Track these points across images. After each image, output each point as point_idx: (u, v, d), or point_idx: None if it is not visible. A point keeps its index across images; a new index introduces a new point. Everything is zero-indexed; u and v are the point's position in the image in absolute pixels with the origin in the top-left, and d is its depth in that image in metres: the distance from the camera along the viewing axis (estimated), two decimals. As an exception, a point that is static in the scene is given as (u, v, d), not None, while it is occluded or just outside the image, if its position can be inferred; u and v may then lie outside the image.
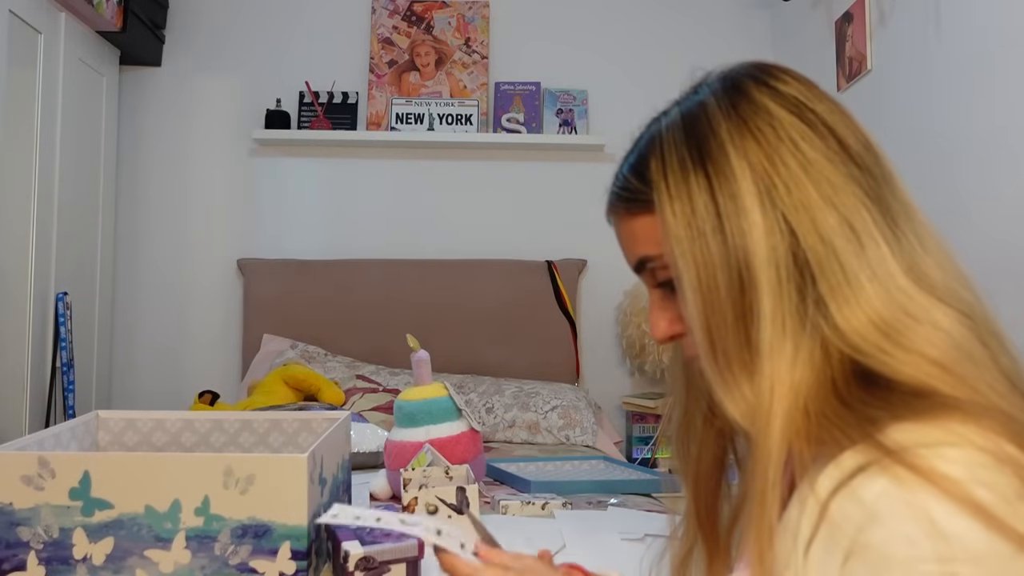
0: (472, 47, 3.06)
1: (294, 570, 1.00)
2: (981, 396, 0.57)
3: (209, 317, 3.00)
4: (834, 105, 0.70)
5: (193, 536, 1.00)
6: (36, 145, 2.35)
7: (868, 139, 0.69)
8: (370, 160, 3.05)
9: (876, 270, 0.61)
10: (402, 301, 2.89)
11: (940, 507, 0.52)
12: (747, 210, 0.63)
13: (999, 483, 0.53)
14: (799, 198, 0.63)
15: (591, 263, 3.03)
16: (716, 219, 0.64)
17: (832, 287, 0.61)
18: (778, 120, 0.66)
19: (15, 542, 1.00)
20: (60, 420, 2.43)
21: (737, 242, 0.63)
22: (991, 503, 0.52)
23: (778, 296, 0.62)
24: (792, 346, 0.61)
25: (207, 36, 3.04)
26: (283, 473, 1.00)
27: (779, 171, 0.63)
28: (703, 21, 3.10)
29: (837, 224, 0.62)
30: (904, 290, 0.61)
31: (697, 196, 0.65)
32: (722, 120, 0.67)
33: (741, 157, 0.64)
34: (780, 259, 0.62)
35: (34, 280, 2.35)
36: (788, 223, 0.62)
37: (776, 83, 0.69)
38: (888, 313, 0.60)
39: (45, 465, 1.00)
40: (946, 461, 0.53)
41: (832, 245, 0.62)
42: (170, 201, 3.02)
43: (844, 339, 0.60)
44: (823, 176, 0.64)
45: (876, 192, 0.65)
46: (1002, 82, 1.75)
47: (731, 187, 0.64)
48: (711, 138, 0.66)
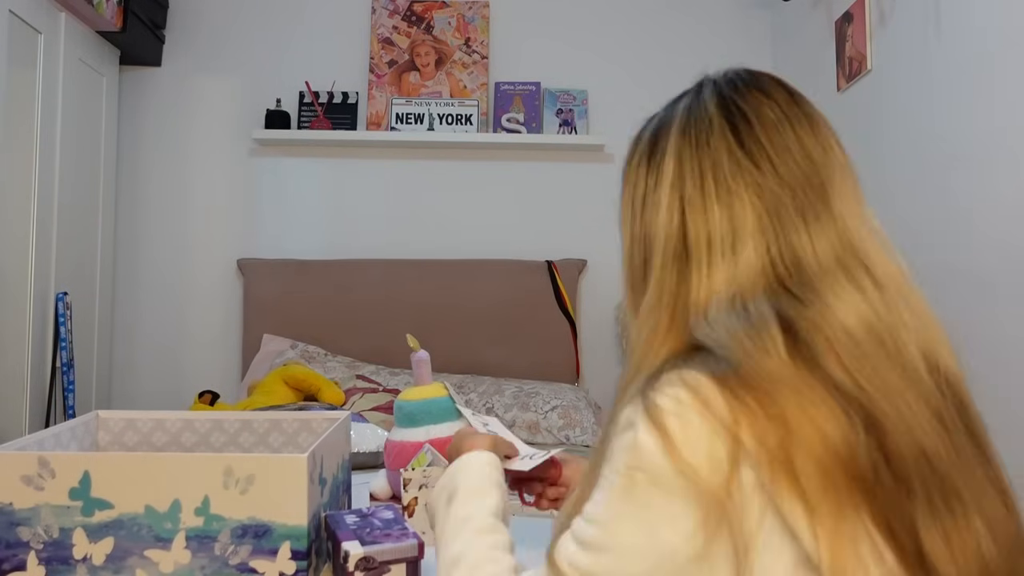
0: (472, 47, 3.06)
1: (294, 570, 1.00)
2: (735, 352, 0.69)
3: (209, 317, 3.00)
4: (781, 115, 0.80)
5: (193, 536, 1.00)
6: (36, 145, 2.35)
7: (804, 148, 0.79)
8: (370, 160, 3.05)
9: (738, 262, 0.75)
10: (402, 301, 2.89)
11: (641, 424, 0.69)
12: (659, 198, 0.80)
13: (690, 418, 0.67)
14: (698, 191, 0.78)
15: (591, 263, 3.03)
16: (642, 202, 0.82)
17: (698, 267, 0.77)
18: (710, 124, 0.80)
19: (15, 542, 1.00)
20: (60, 420, 2.43)
21: (648, 222, 0.81)
22: (674, 431, 0.67)
23: (663, 270, 0.79)
24: (665, 316, 0.77)
25: (207, 36, 3.04)
26: (283, 473, 1.00)
27: (693, 167, 0.79)
28: (703, 21, 3.10)
29: (720, 219, 0.77)
30: (752, 283, 0.74)
31: (639, 182, 0.83)
32: (678, 120, 0.83)
33: (673, 151, 0.81)
34: (670, 237, 0.78)
35: (34, 280, 2.35)
36: (683, 209, 0.78)
37: (729, 90, 0.82)
38: (726, 297, 0.75)
39: (45, 465, 1.00)
40: (663, 395, 0.69)
41: (708, 234, 0.77)
42: (170, 201, 3.02)
43: (689, 309, 0.76)
44: (725, 180, 0.77)
45: (776, 197, 0.77)
46: (1002, 82, 1.75)
47: (659, 175, 0.81)
48: (664, 136, 0.83)
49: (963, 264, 1.87)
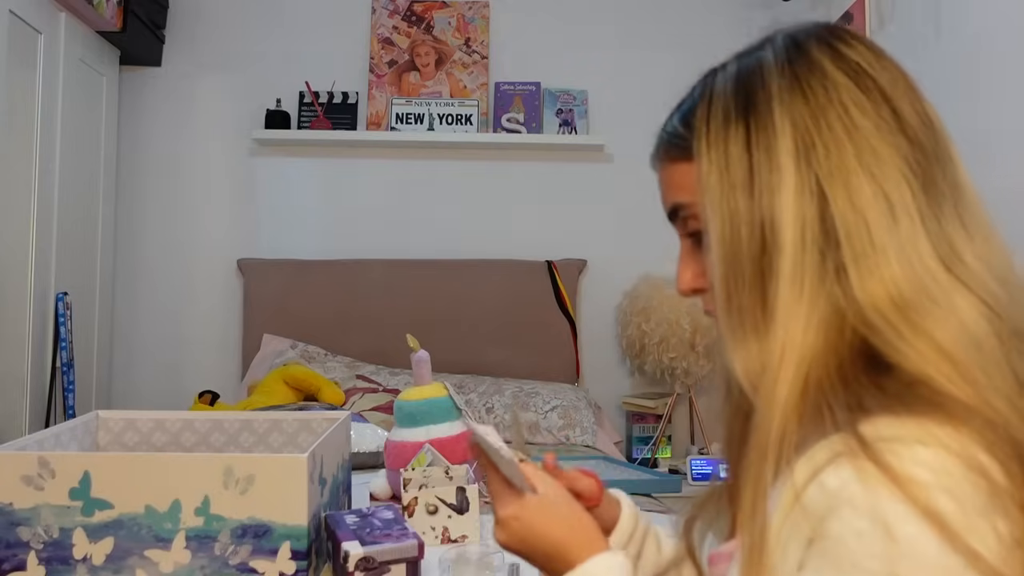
0: (472, 47, 3.06)
1: (294, 570, 1.00)
2: (977, 394, 0.55)
3: (209, 317, 3.00)
4: (899, 76, 0.67)
5: (193, 536, 1.00)
6: (36, 145, 2.35)
7: (930, 116, 0.66)
8: (370, 160, 3.05)
9: (905, 246, 0.60)
10: (402, 301, 2.89)
11: (896, 508, 0.52)
12: (781, 167, 0.62)
13: (963, 493, 0.52)
14: (837, 163, 0.61)
15: (591, 263, 3.03)
16: (748, 173, 0.63)
17: (856, 256, 0.60)
18: (832, 81, 0.64)
19: (15, 542, 1.00)
20: (60, 420, 2.43)
21: (765, 198, 0.62)
22: (949, 513, 0.51)
23: (800, 258, 0.61)
24: (807, 311, 0.60)
25: (207, 36, 3.04)
26: (283, 473, 1.01)
27: (822, 133, 0.62)
28: (703, 21, 3.10)
29: (872, 194, 0.61)
30: (930, 271, 0.59)
31: (733, 147, 0.64)
32: (775, 75, 0.66)
33: (785, 113, 0.64)
34: (807, 221, 0.61)
35: (34, 280, 2.35)
36: (821, 186, 0.61)
37: (840, 45, 0.67)
38: (908, 290, 0.58)
39: (45, 465, 1.00)
40: (914, 462, 0.52)
41: (863, 214, 0.60)
42: (170, 201, 3.02)
43: (859, 311, 0.59)
44: (868, 144, 0.62)
45: (924, 169, 0.62)
46: (1002, 82, 1.75)
47: (769, 142, 0.63)
48: (760, 91, 0.66)
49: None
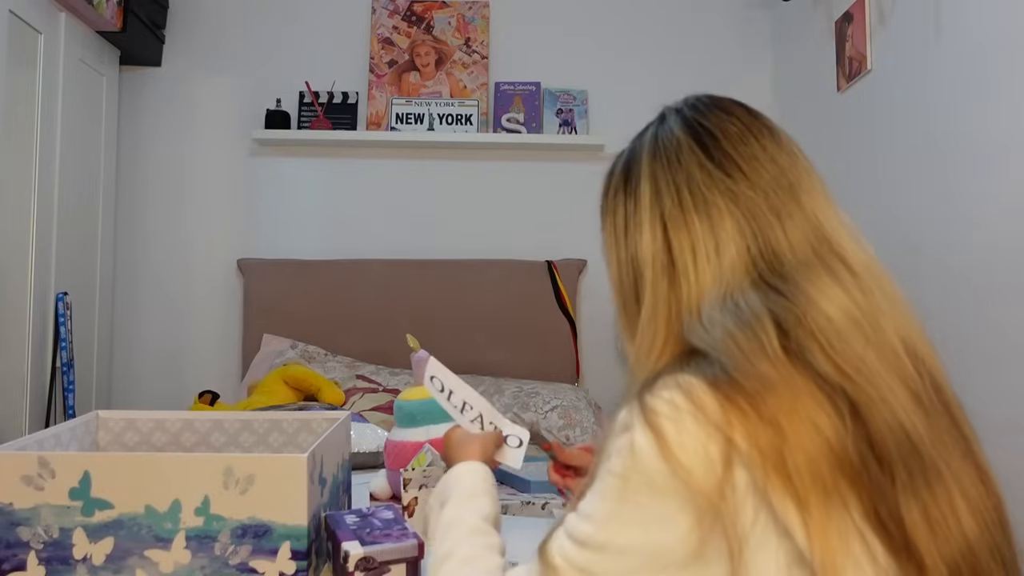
0: (472, 47, 3.06)
1: (294, 570, 1.00)
2: (728, 356, 0.71)
3: (209, 317, 3.00)
4: (744, 128, 0.85)
5: (193, 536, 1.00)
6: (36, 145, 2.35)
7: (769, 155, 0.83)
8: (370, 160, 3.05)
9: (723, 263, 0.79)
10: (402, 301, 2.89)
11: (637, 427, 0.71)
12: (641, 219, 0.84)
13: (684, 421, 0.69)
14: (677, 207, 0.82)
15: (591, 263, 3.03)
16: (624, 227, 0.86)
17: (686, 275, 0.80)
18: (678, 144, 0.85)
19: (15, 542, 1.00)
20: (60, 420, 2.43)
21: (632, 244, 0.85)
22: (669, 433, 0.69)
23: (655, 283, 0.82)
24: (662, 326, 0.81)
25: (207, 36, 3.04)
26: (283, 473, 1.01)
27: (668, 186, 0.83)
28: (703, 21, 3.10)
29: (700, 228, 0.81)
30: (739, 285, 0.78)
31: (619, 209, 0.88)
32: (647, 148, 0.87)
33: (647, 176, 0.85)
34: (658, 255, 0.82)
35: (34, 280, 2.35)
36: (664, 226, 0.82)
37: (691, 113, 0.87)
38: (717, 298, 0.77)
39: (45, 465, 1.00)
40: (659, 398, 0.71)
41: (691, 243, 0.81)
42: (170, 201, 3.02)
43: (682, 314, 0.79)
44: (700, 191, 0.82)
45: (751, 201, 0.81)
46: (1002, 82, 1.75)
47: (636, 201, 0.85)
48: (636, 164, 0.87)
49: (963, 263, 1.87)
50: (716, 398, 0.69)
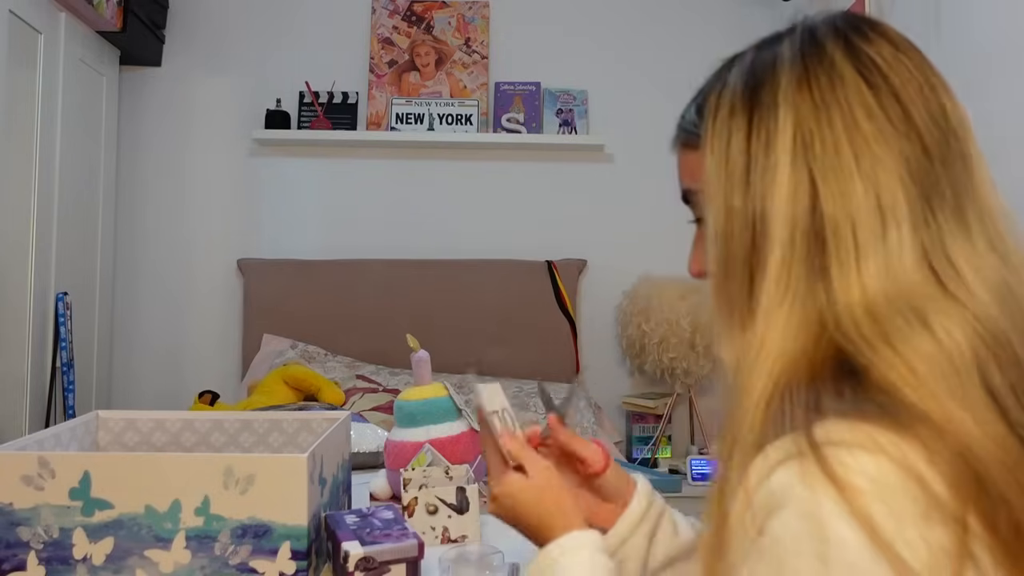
0: (472, 47, 3.06)
1: (294, 570, 1.00)
2: (935, 405, 0.54)
3: (209, 317, 3.00)
4: (916, 73, 0.65)
5: (193, 536, 1.00)
6: (36, 145, 2.35)
7: (948, 115, 0.64)
8: (370, 160, 3.05)
9: (891, 255, 0.58)
10: (402, 301, 2.89)
11: (832, 511, 0.52)
12: (777, 164, 0.62)
13: (897, 502, 0.52)
14: (833, 163, 0.60)
15: (591, 263, 3.03)
16: (745, 167, 0.63)
17: (840, 260, 0.59)
18: (841, 77, 0.63)
19: (15, 542, 1.00)
20: (60, 420, 2.43)
21: (759, 194, 0.62)
22: (882, 520, 0.51)
23: (788, 258, 0.60)
24: (787, 311, 0.60)
25: (207, 36, 3.04)
26: (283, 473, 1.01)
27: (822, 131, 0.61)
28: (703, 21, 3.10)
29: (864, 198, 0.59)
30: (914, 283, 0.58)
31: (735, 141, 0.64)
32: (787, 68, 0.65)
33: (789, 108, 0.63)
34: (797, 221, 0.60)
35: (34, 280, 2.35)
36: (815, 185, 0.60)
37: (857, 38, 0.66)
38: (885, 302, 0.58)
39: (45, 465, 1.00)
40: (856, 468, 0.52)
41: (852, 219, 0.59)
42: (170, 201, 3.02)
43: (835, 316, 0.58)
44: (867, 145, 0.61)
45: (926, 174, 0.61)
46: (1001, 82, 1.75)
47: (769, 137, 0.63)
48: (767, 85, 0.65)
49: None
50: (935, 465, 0.52)
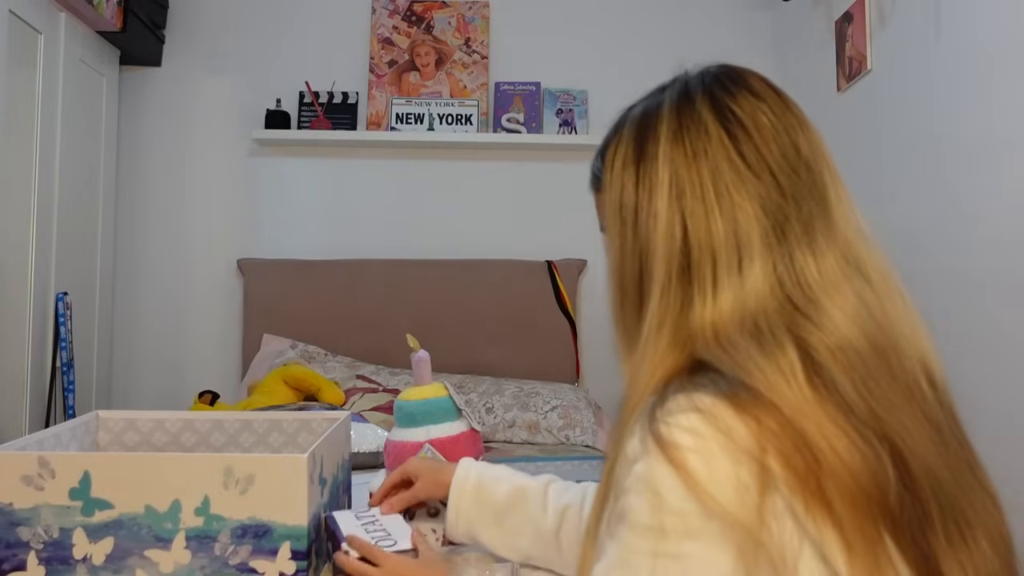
0: (472, 47, 3.06)
1: (294, 570, 1.00)
2: (752, 375, 0.65)
3: (209, 317, 3.00)
4: (774, 118, 0.76)
5: (193, 536, 1.00)
6: (36, 145, 2.35)
7: (800, 153, 0.75)
8: (370, 160, 3.05)
9: (744, 284, 0.70)
10: (402, 301, 2.89)
11: (658, 467, 0.64)
12: (657, 210, 0.73)
13: (710, 449, 0.63)
14: (699, 206, 0.71)
15: (591, 263, 3.03)
16: (634, 213, 0.74)
17: (702, 291, 0.71)
18: (707, 131, 0.74)
19: (15, 542, 1.00)
20: (60, 420, 2.43)
21: (644, 234, 0.73)
22: (697, 468, 0.62)
23: (665, 290, 0.72)
24: (666, 336, 0.71)
25: (207, 36, 3.04)
26: (283, 473, 1.00)
27: (692, 177, 0.72)
28: (703, 21, 3.10)
29: (724, 235, 0.70)
30: (768, 308, 0.69)
31: (627, 190, 0.75)
32: (665, 124, 0.76)
33: (667, 160, 0.74)
34: (672, 257, 0.72)
35: (34, 280, 2.35)
36: (685, 226, 0.72)
37: (721, 93, 0.76)
38: (737, 324, 0.69)
39: (45, 465, 1.00)
40: (678, 428, 0.64)
41: (713, 253, 0.71)
42: (170, 201, 3.02)
43: (694, 338, 0.70)
44: (727, 189, 0.71)
45: (779, 209, 0.72)
46: (1002, 82, 1.75)
47: (651, 185, 0.74)
48: (651, 139, 0.76)
49: (964, 264, 1.87)
50: (743, 420, 0.63)
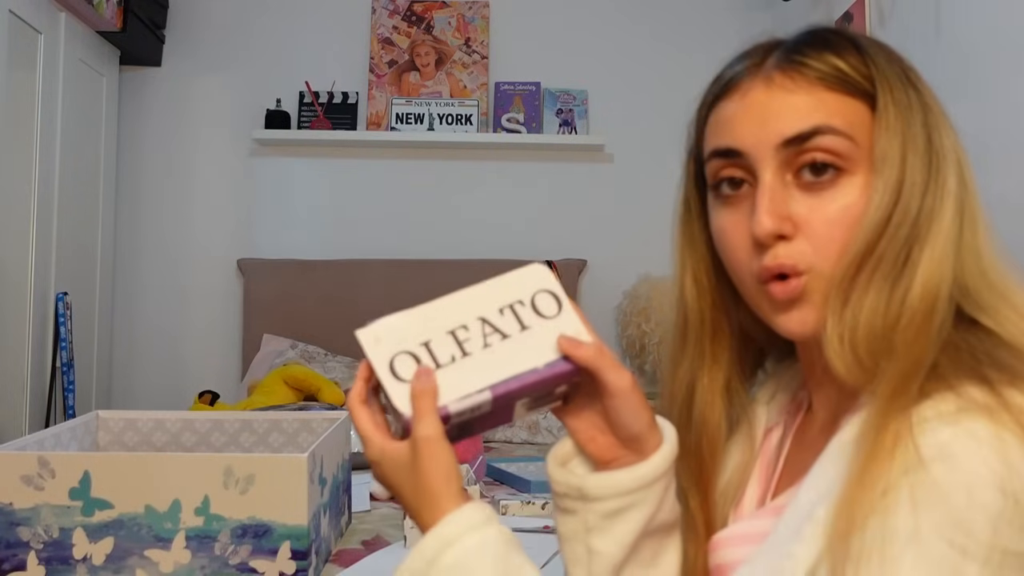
0: (472, 47, 3.06)
1: (294, 570, 1.00)
2: None
3: (209, 317, 3.00)
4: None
5: (193, 536, 1.00)
6: (36, 145, 2.35)
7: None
8: (370, 160, 3.05)
9: (988, 240, 0.68)
10: (402, 301, 2.86)
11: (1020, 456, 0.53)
12: (945, 148, 0.67)
13: None
14: (964, 159, 0.68)
15: (591, 263, 3.03)
16: (927, 141, 0.66)
17: (968, 240, 0.66)
18: (931, 96, 0.71)
19: (15, 542, 1.00)
20: (60, 420, 2.42)
21: (941, 169, 0.66)
22: None
23: (955, 224, 0.65)
24: (947, 265, 0.63)
25: (207, 36, 3.04)
26: (283, 473, 1.01)
27: (949, 128, 0.69)
28: (703, 21, 3.10)
29: (974, 192, 0.67)
30: (1001, 267, 0.67)
31: (915, 113, 0.67)
32: (913, 72, 0.71)
33: (937, 102, 0.70)
34: (958, 199, 0.66)
35: (34, 280, 2.35)
36: (963, 174, 0.67)
37: (915, 77, 0.72)
38: (999, 281, 0.65)
39: (45, 465, 1.00)
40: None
41: (976, 205, 0.68)
42: (170, 201, 3.02)
43: (969, 287, 0.64)
44: (964, 154, 0.69)
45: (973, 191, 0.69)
46: (1002, 82, 1.75)
47: (937, 121, 0.69)
48: (918, 81, 0.70)
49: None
50: None
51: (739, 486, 0.75)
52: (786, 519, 0.61)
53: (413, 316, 0.66)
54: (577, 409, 0.70)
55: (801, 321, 0.65)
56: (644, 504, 0.68)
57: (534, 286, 0.70)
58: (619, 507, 0.67)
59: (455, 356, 0.65)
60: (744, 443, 0.76)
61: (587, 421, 0.70)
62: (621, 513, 0.67)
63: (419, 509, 0.63)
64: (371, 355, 0.64)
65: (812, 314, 0.64)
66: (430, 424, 0.62)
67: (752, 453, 0.76)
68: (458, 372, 0.64)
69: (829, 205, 0.64)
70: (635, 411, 0.67)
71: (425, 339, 0.65)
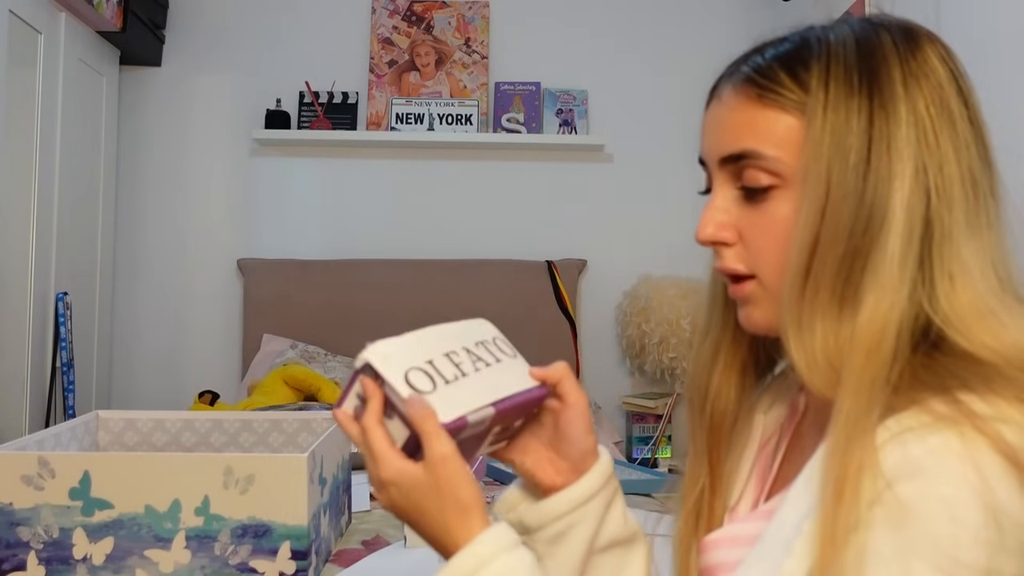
0: (472, 47, 3.06)
1: (294, 570, 1.00)
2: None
3: (209, 317, 3.00)
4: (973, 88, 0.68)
5: (193, 536, 1.00)
6: (36, 145, 2.35)
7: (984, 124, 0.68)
8: (370, 160, 3.05)
9: (978, 257, 0.61)
10: (402, 301, 2.89)
11: (1005, 484, 0.52)
12: (901, 156, 0.61)
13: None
14: (945, 167, 0.62)
15: (591, 263, 3.03)
16: (866, 151, 0.62)
17: (944, 258, 0.61)
18: (944, 85, 0.64)
19: (15, 542, 1.00)
20: (60, 420, 2.43)
21: (880, 181, 0.61)
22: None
23: (906, 244, 0.60)
24: (900, 290, 0.60)
25: (207, 36, 3.04)
26: (283, 473, 1.01)
27: (937, 134, 0.62)
28: (703, 21, 3.10)
29: (963, 203, 0.62)
30: (993, 288, 0.61)
31: (854, 121, 0.62)
32: (897, 61, 0.64)
33: (909, 102, 0.62)
34: (915, 214, 0.61)
35: (34, 280, 2.35)
36: (929, 186, 0.61)
37: (944, 49, 0.67)
38: (982, 303, 0.60)
39: (45, 465, 1.00)
40: (1011, 423, 0.53)
41: (956, 220, 0.61)
42: (170, 201, 3.02)
43: (938, 310, 0.60)
44: (966, 155, 0.63)
45: (991, 184, 0.65)
46: (1001, 82, 1.75)
47: (890, 127, 0.62)
48: (883, 71, 0.64)
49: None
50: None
51: (737, 486, 0.76)
52: (772, 528, 0.62)
53: (407, 340, 0.68)
54: (523, 444, 0.74)
55: (748, 317, 0.69)
56: (584, 523, 0.70)
57: (490, 333, 0.77)
58: (559, 531, 0.70)
59: (457, 375, 0.67)
60: (743, 447, 0.78)
61: (535, 453, 0.74)
62: (563, 536, 0.70)
63: (445, 527, 0.63)
64: (384, 371, 0.64)
65: (757, 313, 0.68)
66: (445, 442, 0.63)
67: (750, 459, 0.77)
68: (464, 389, 0.67)
69: (762, 217, 0.66)
70: (586, 428, 0.72)
71: (428, 358, 0.67)
